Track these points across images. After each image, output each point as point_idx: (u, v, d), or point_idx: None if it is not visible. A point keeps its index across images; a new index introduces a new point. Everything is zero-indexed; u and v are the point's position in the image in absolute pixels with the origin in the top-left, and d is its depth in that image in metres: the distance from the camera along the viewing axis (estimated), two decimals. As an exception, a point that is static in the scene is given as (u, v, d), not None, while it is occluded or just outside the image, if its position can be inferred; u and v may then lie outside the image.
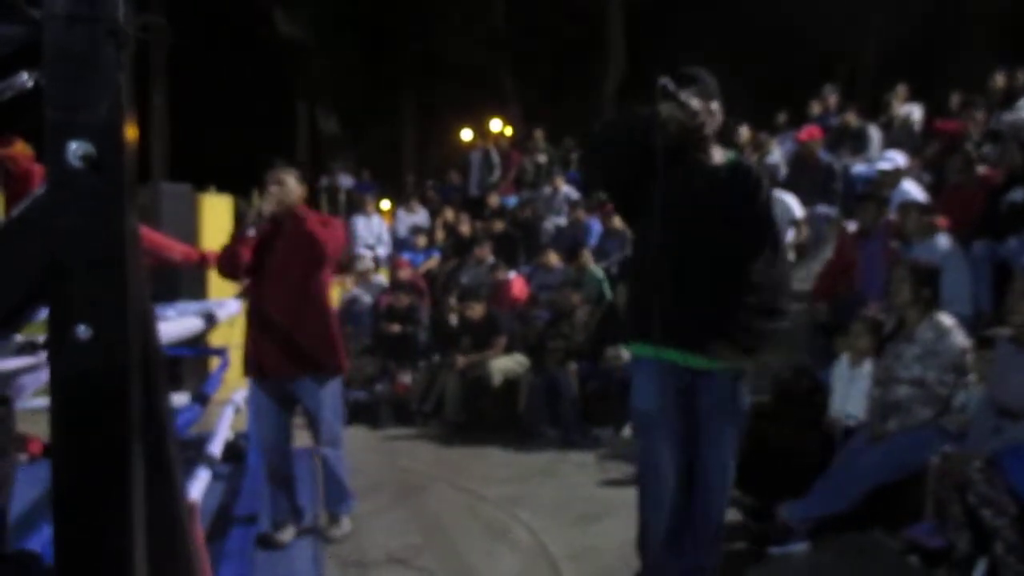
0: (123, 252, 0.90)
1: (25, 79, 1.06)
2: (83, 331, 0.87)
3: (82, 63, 0.92)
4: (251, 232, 3.94)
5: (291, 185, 4.01)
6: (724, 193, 2.84)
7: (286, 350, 3.96)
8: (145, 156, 19.26)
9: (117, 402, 0.91)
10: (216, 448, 4.11)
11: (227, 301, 5.01)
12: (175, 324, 3.23)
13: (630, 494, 3.35)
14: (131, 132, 0.94)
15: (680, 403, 2.81)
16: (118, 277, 0.91)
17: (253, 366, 4.06)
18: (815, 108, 9.90)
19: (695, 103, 2.73)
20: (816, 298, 6.44)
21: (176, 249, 4.14)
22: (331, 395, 4.12)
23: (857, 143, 8.74)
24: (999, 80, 8.54)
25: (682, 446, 2.80)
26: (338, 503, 4.24)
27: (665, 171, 2.68)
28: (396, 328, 8.36)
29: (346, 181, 14.47)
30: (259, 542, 3.97)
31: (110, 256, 0.90)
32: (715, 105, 2.85)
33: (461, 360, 7.30)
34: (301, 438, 4.50)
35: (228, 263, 4.03)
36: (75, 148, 0.87)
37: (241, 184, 10.11)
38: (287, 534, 4.10)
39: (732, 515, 4.02)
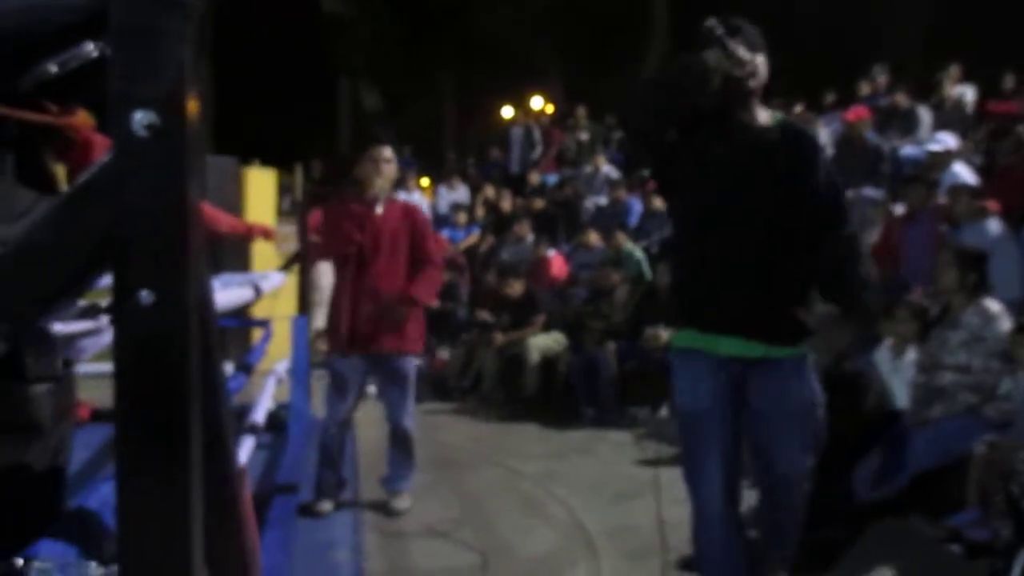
0: (185, 220, 0.92)
1: (90, 49, 1.08)
2: (146, 296, 0.89)
3: (147, 34, 0.93)
4: (379, 210, 4.16)
5: (391, 170, 4.25)
6: (777, 157, 2.59)
7: (384, 325, 4.12)
8: (189, 129, 19.49)
9: (178, 367, 0.94)
10: (259, 418, 4.18)
11: (270, 273, 5.08)
12: (220, 295, 3.27)
13: (667, 474, 3.38)
14: (194, 103, 0.95)
15: (730, 403, 2.61)
16: (180, 245, 0.93)
17: (344, 340, 4.14)
18: (864, 88, 9.71)
19: (742, 52, 2.50)
20: None
21: (224, 221, 4.20)
22: (409, 370, 4.27)
23: (906, 124, 8.57)
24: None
25: (733, 447, 2.62)
26: (404, 477, 4.34)
27: (706, 132, 2.53)
28: (435, 304, 8.39)
29: (388, 155, 14.50)
30: (300, 511, 4.05)
31: (173, 224, 0.92)
32: (761, 58, 2.59)
33: (499, 337, 7.32)
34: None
35: (334, 243, 4.23)
36: (140, 117, 0.89)
37: (285, 157, 10.20)
38: (328, 505, 4.18)
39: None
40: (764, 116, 2.66)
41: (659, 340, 6.36)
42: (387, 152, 4.24)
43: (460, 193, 12.04)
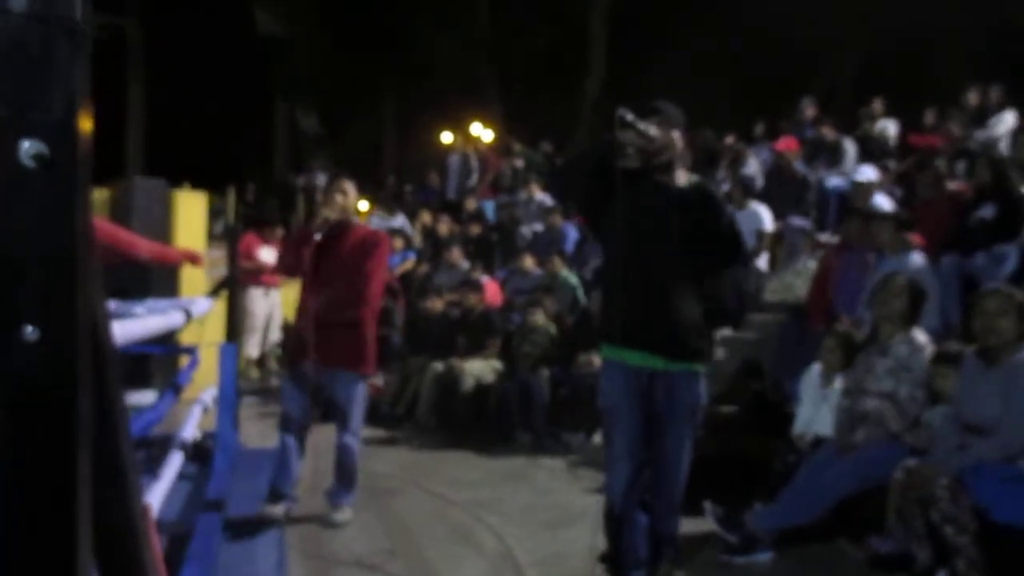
0: (74, 252, 0.89)
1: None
2: (30, 332, 0.85)
3: (36, 61, 0.90)
4: (317, 237, 4.35)
5: (352, 195, 4.46)
6: (685, 210, 3.19)
7: (328, 345, 4.28)
8: (121, 150, 19.05)
9: (64, 405, 0.89)
10: (182, 447, 4.07)
11: (198, 299, 4.97)
12: (143, 322, 3.19)
13: (600, 501, 3.38)
14: (86, 131, 0.92)
15: (637, 403, 3.25)
16: (68, 278, 0.89)
17: (295, 354, 4.46)
18: (785, 125, 10.02)
19: (653, 131, 3.08)
20: (814, 317, 6.22)
21: (144, 247, 4.10)
22: (360, 391, 4.47)
23: (832, 156, 8.82)
24: (972, 97, 8.65)
25: (640, 438, 3.26)
26: (346, 493, 4.51)
27: (625, 190, 3.09)
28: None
29: (324, 180, 14.40)
30: (227, 527, 4.01)
31: (60, 256, 0.88)
32: (676, 134, 3.22)
33: (457, 363, 7.26)
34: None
35: (290, 264, 4.51)
36: (27, 147, 0.85)
37: (217, 181, 10.04)
38: (280, 509, 4.34)
39: (701, 524, 4.05)
40: (683, 179, 3.31)
41: (592, 366, 6.39)
42: (342, 184, 4.47)
43: (398, 220, 12.00)
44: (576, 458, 6.07)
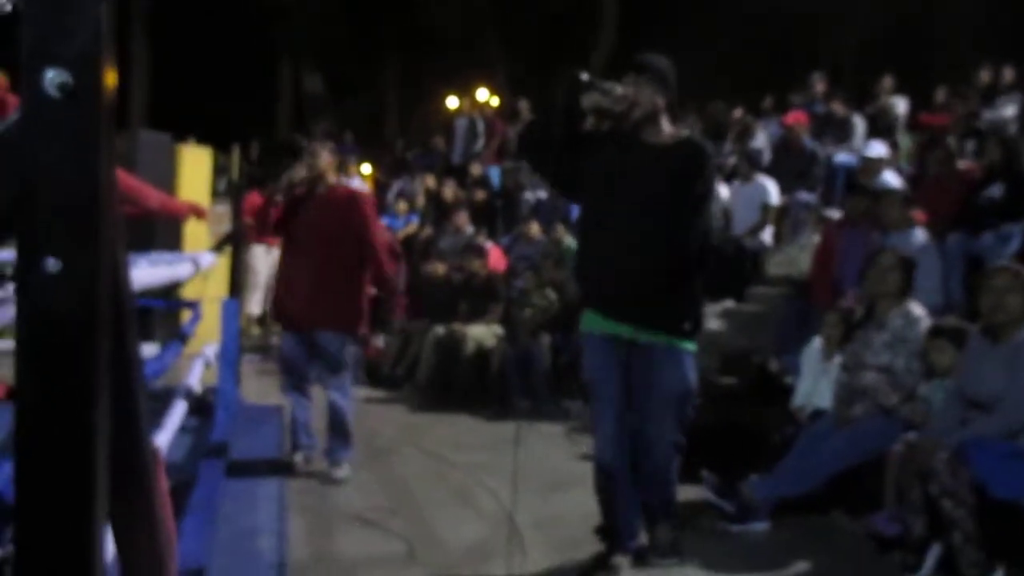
0: (97, 186, 0.88)
1: (3, 3, 1.02)
2: (52, 264, 0.84)
3: (60, -10, 0.88)
4: (279, 198, 4.47)
5: (323, 157, 4.53)
6: (664, 167, 3.03)
7: (309, 305, 4.39)
8: (125, 104, 18.92)
9: (85, 340, 0.89)
10: (185, 399, 4.09)
11: (202, 254, 4.96)
12: (147, 272, 3.19)
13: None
14: (110, 66, 0.91)
15: (617, 373, 3.15)
16: (91, 211, 0.88)
17: (281, 316, 4.71)
18: (796, 99, 9.94)
19: (619, 90, 2.98)
20: (817, 292, 6.17)
21: (153, 196, 4.09)
22: (348, 350, 4.59)
23: (841, 132, 8.76)
24: (984, 76, 8.58)
25: (624, 408, 3.18)
26: (342, 449, 4.57)
27: (594, 153, 3.00)
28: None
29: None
30: (228, 476, 4.09)
31: (83, 189, 0.87)
32: (653, 88, 3.06)
33: (459, 327, 7.27)
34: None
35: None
36: (52, 76, 0.84)
37: (222, 139, 9.98)
38: (300, 457, 4.55)
39: (697, 492, 4.08)
40: (667, 134, 3.14)
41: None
42: (312, 146, 4.72)
43: (405, 182, 11.92)
44: (575, 424, 6.09)
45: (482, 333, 7.19)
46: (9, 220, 0.89)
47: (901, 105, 9.14)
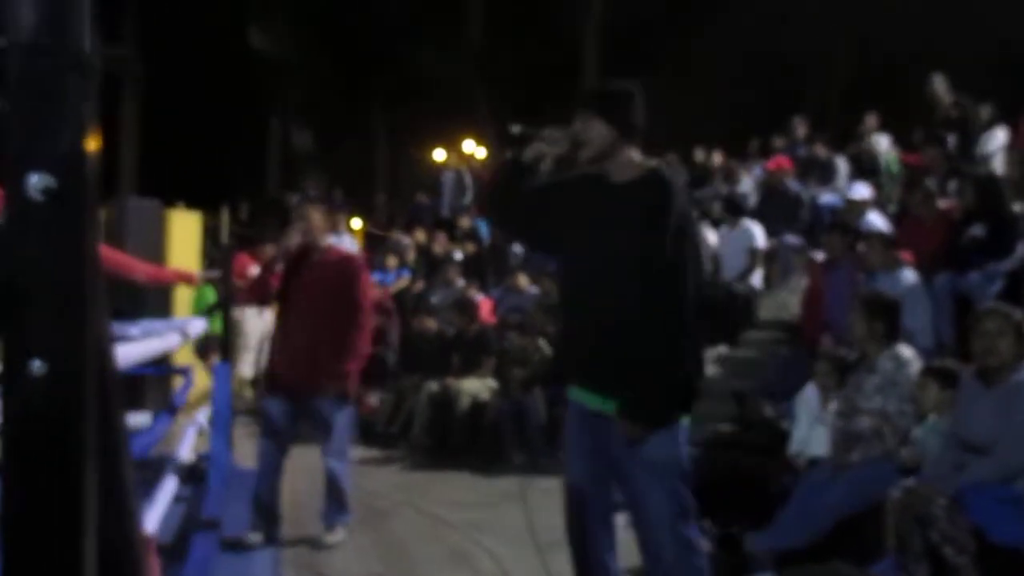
0: (82, 286, 0.88)
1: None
2: (38, 366, 0.85)
3: (46, 93, 0.90)
4: (279, 266, 4.43)
5: (316, 220, 4.47)
6: (627, 210, 2.63)
7: (305, 369, 4.32)
8: (114, 169, 19.02)
9: (71, 439, 0.89)
10: (177, 470, 4.05)
11: (192, 320, 4.95)
12: (142, 346, 3.18)
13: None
14: (93, 163, 0.92)
15: (591, 445, 2.72)
16: (76, 311, 0.89)
17: (273, 383, 4.52)
18: (778, 142, 10.06)
19: (559, 134, 2.71)
20: (807, 336, 6.20)
21: (139, 269, 4.09)
22: (344, 413, 4.48)
23: (824, 174, 8.86)
24: (953, 111, 8.67)
25: (588, 483, 2.80)
26: (337, 513, 4.48)
27: (557, 204, 2.72)
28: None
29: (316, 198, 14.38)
30: (226, 545, 4.01)
31: (68, 290, 0.88)
32: (599, 123, 2.67)
33: (452, 382, 7.24)
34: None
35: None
36: (36, 180, 0.85)
37: (212, 200, 10.03)
38: (257, 537, 4.27)
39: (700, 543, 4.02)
40: (634, 166, 2.71)
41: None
42: (303, 210, 4.60)
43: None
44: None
45: (476, 387, 7.16)
46: (-6, 323, 0.90)
47: (884, 142, 9.23)
